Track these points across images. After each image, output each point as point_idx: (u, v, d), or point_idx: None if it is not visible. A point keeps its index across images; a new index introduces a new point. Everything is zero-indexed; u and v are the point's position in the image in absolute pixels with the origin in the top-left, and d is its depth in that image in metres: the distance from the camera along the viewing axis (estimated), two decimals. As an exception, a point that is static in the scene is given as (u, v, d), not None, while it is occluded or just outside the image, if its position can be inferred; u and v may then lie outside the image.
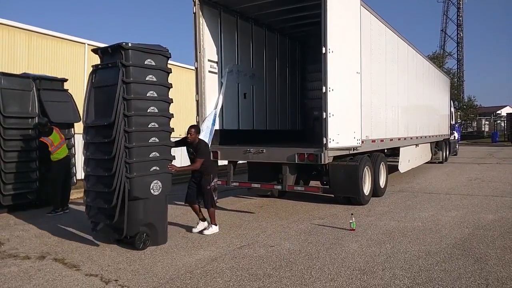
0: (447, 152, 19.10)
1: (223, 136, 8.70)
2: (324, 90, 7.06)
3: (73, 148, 8.71)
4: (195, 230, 6.41)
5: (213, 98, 8.53)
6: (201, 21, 8.18)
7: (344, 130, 7.49)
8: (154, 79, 5.54)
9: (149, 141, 5.49)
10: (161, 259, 5.13)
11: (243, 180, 8.78)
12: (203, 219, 6.49)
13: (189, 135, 6.16)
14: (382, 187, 9.67)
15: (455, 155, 22.10)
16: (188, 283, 4.35)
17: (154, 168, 5.54)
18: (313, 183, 9.51)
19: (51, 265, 4.90)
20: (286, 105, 11.71)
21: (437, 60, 44.80)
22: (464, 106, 51.93)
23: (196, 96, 8.28)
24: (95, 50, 5.77)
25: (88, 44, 13.31)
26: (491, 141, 41.75)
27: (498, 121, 53.16)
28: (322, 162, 7.33)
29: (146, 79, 5.46)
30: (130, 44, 5.30)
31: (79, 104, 12.16)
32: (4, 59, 11.09)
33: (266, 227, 6.74)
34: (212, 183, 6.35)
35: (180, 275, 4.56)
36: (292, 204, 8.73)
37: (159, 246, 5.65)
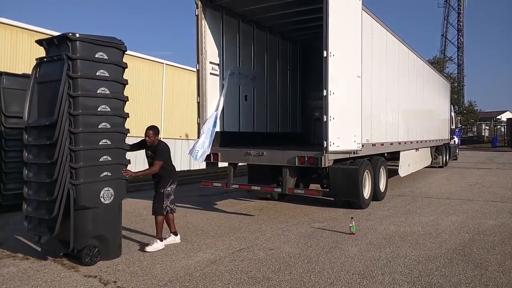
0: (447, 157, 19.10)
1: (223, 138, 8.69)
2: (325, 94, 7.06)
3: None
4: (148, 248, 5.54)
5: (214, 100, 8.53)
6: (203, 23, 8.19)
7: (344, 133, 7.49)
8: (106, 74, 5.00)
9: (99, 143, 4.97)
10: (160, 261, 5.12)
11: (243, 182, 8.76)
12: (175, 233, 5.94)
13: (147, 138, 5.67)
14: (382, 191, 9.66)
15: (455, 159, 22.10)
16: (187, 285, 4.34)
17: (105, 173, 5.01)
18: (313, 186, 9.52)
19: (50, 266, 4.89)
20: (287, 107, 11.72)
21: (437, 64, 44.85)
22: (465, 111, 51.96)
23: (198, 98, 8.28)
24: (40, 41, 5.25)
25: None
26: (491, 146, 41.78)
27: (498, 126, 53.19)
28: (323, 165, 7.32)
29: (97, 74, 4.93)
30: (77, 35, 4.79)
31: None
32: (6, 59, 11.10)
33: (266, 230, 6.73)
34: (168, 188, 5.76)
35: (179, 278, 4.55)
36: (292, 207, 8.73)
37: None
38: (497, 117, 59.84)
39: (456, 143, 23.08)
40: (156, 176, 5.79)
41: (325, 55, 7.03)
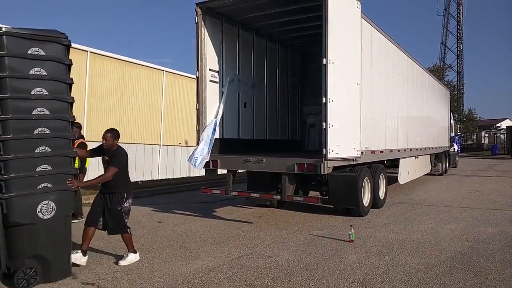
0: (447, 164, 19.09)
1: (223, 145, 8.70)
2: (324, 101, 7.07)
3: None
4: (122, 262, 5.20)
5: (214, 107, 8.55)
6: (203, 31, 8.22)
7: (343, 140, 7.49)
8: (44, 73, 4.41)
9: (36, 151, 4.37)
10: (158, 268, 5.09)
11: (242, 189, 8.74)
12: (85, 252, 5.14)
13: (104, 141, 5.22)
14: (382, 198, 9.64)
15: (455, 167, 22.09)
16: (185, 293, 4.32)
17: (43, 185, 4.41)
18: (312, 193, 9.51)
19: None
20: (286, 114, 11.73)
21: (437, 72, 45.00)
22: (464, 119, 52.05)
23: (197, 105, 8.29)
24: None
25: (90, 52, 13.37)
26: (491, 153, 41.78)
27: (498, 134, 53.24)
28: (322, 173, 7.32)
29: (31, 72, 4.35)
30: (4, 28, 4.23)
31: (79, 111, 12.29)
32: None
33: (265, 238, 6.70)
34: (126, 204, 5.27)
35: (178, 285, 4.53)
36: (291, 215, 8.70)
37: (157, 255, 5.62)
38: (497, 124, 59.95)
39: (456, 150, 23.08)
40: (109, 186, 5.19)
41: (324, 62, 7.06)
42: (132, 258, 5.32)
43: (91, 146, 13.16)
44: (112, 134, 5.26)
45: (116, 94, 14.42)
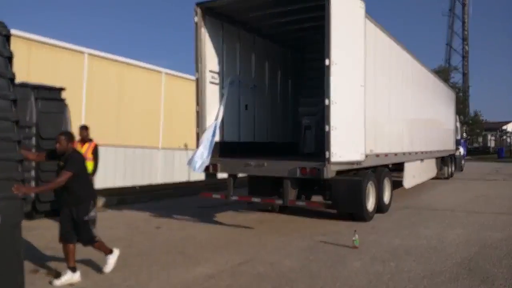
0: (453, 168, 18.90)
1: (223, 148, 8.56)
2: (327, 103, 6.95)
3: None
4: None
5: (214, 109, 8.43)
6: (202, 31, 8.12)
7: (347, 144, 7.35)
8: None
9: None
10: (157, 275, 4.97)
11: (243, 194, 8.61)
12: (74, 269, 4.86)
13: (57, 145, 4.82)
14: (387, 203, 9.48)
15: (461, 171, 21.88)
16: (182, 302, 4.18)
17: None
18: (315, 198, 9.33)
19: (44, 280, 4.78)
20: (288, 116, 11.60)
21: (442, 73, 44.76)
22: (470, 121, 51.72)
23: (197, 107, 8.18)
24: None
25: (87, 53, 13.29)
26: (497, 157, 41.46)
27: (504, 137, 52.88)
28: (325, 177, 7.16)
29: None
30: None
31: (76, 113, 12.19)
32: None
33: (266, 243, 6.57)
34: (92, 213, 4.91)
35: (175, 293, 4.39)
36: (293, 220, 8.57)
37: (155, 262, 5.49)
38: (503, 127, 59.48)
39: (462, 153, 22.86)
40: (68, 192, 4.80)
41: (327, 63, 6.94)
42: (112, 259, 5.06)
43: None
44: (66, 137, 4.90)
45: (114, 96, 14.28)
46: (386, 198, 9.48)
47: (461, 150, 22.37)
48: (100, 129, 13.04)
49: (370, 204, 8.43)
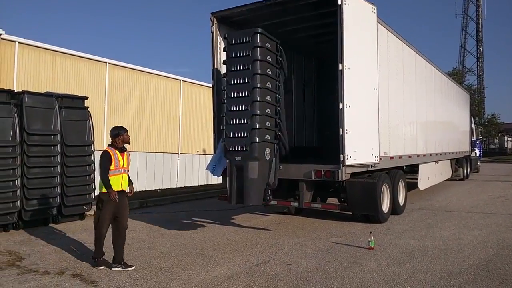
0: (468, 169, 18.70)
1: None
2: (340, 107, 7.05)
3: (92, 164, 8.90)
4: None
5: (230, 115, 8.56)
6: (218, 40, 8.31)
7: (361, 146, 7.43)
8: None
9: None
10: (177, 276, 5.12)
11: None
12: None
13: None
14: (401, 204, 9.50)
15: (477, 172, 21.61)
16: (204, 300, 4.33)
17: None
18: (330, 200, 9.42)
19: (69, 281, 4.94)
20: (303, 121, 11.70)
21: (456, 76, 44.25)
22: (486, 123, 50.88)
23: (214, 113, 8.34)
24: None
25: (109, 63, 13.66)
26: (514, 158, 40.68)
27: (521, 138, 51.88)
28: (340, 179, 7.26)
29: None
30: None
31: (99, 121, 12.54)
32: (29, 79, 11.46)
33: (283, 245, 6.68)
34: None
35: (196, 293, 4.54)
36: (309, 222, 8.65)
37: (176, 263, 5.66)
38: (520, 128, 58.41)
39: (477, 155, 22.60)
40: None
41: (340, 68, 7.05)
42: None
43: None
44: None
45: (135, 104, 14.66)
46: (401, 199, 9.50)
47: (477, 152, 22.13)
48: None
49: (385, 206, 8.47)
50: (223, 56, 8.46)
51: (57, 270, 5.33)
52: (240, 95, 6.83)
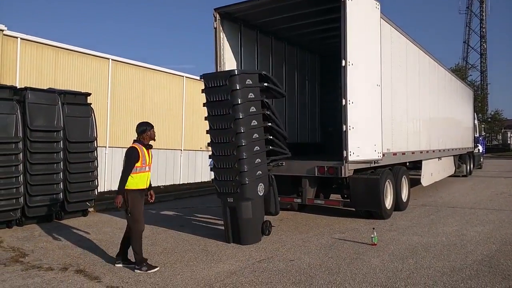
0: (471, 165, 18.66)
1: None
2: (344, 103, 7.04)
3: (95, 161, 8.93)
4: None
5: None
6: (221, 36, 8.29)
7: (364, 143, 7.42)
8: None
9: None
10: (180, 272, 5.14)
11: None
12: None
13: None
14: (404, 201, 9.49)
15: (480, 168, 21.56)
16: (207, 296, 4.34)
17: None
18: (333, 196, 9.42)
19: (73, 277, 4.97)
20: (306, 118, 11.69)
21: (460, 72, 44.08)
22: (489, 119, 50.72)
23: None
24: None
25: (112, 59, 13.65)
26: (518, 154, 40.56)
27: (525, 134, 51.69)
28: (343, 175, 7.26)
29: None
30: None
31: (102, 117, 12.56)
32: (32, 75, 11.46)
33: (286, 241, 6.69)
34: None
35: (200, 289, 4.56)
36: (312, 218, 8.65)
37: (179, 259, 5.67)
38: (524, 124, 58.19)
39: (481, 151, 22.52)
40: None
41: (343, 64, 7.03)
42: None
43: (116, 152, 13.51)
44: None
45: (137, 100, 14.66)
46: (404, 195, 9.49)
47: (480, 148, 22.06)
48: (124, 132, 13.41)
49: (388, 202, 8.47)
50: (226, 51, 8.47)
51: (61, 266, 5.35)
52: (223, 141, 6.42)
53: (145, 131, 5.48)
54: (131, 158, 5.23)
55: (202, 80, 6.73)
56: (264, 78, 6.81)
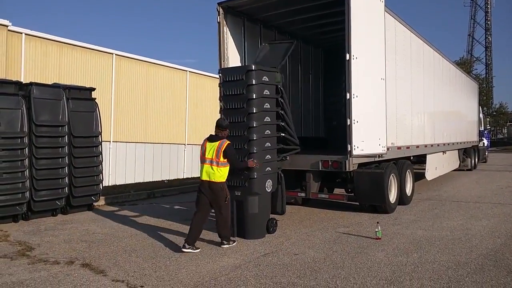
0: (476, 159, 18.59)
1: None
2: (348, 97, 7.02)
3: (100, 155, 8.97)
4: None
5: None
6: (225, 30, 8.27)
7: (368, 137, 7.40)
8: None
9: None
10: (185, 265, 5.17)
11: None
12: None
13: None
14: (409, 195, 9.48)
15: (485, 162, 21.48)
16: (212, 290, 4.37)
17: None
18: (337, 190, 9.42)
19: (79, 270, 5.01)
20: (310, 112, 11.67)
21: (464, 65, 43.78)
22: (494, 113, 50.43)
23: (220, 104, 8.32)
24: None
25: (115, 54, 13.67)
26: (523, 148, 40.36)
27: (530, 128, 51.41)
28: (347, 170, 7.26)
29: None
30: None
31: (106, 112, 12.59)
32: (36, 70, 11.50)
33: (290, 235, 6.70)
34: None
35: (205, 282, 4.58)
36: (316, 212, 8.66)
37: (184, 253, 5.70)
38: (529, 117, 57.82)
39: (485, 145, 22.44)
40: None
41: (347, 58, 7.00)
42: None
43: (120, 147, 13.56)
44: None
45: (141, 95, 14.70)
46: (408, 190, 9.48)
47: (485, 142, 21.97)
48: (128, 127, 13.47)
49: (392, 196, 8.46)
50: (230, 46, 8.44)
51: (67, 260, 5.39)
52: (235, 134, 6.42)
53: (228, 126, 6.13)
54: (234, 150, 6.00)
55: (220, 74, 6.96)
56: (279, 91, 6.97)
